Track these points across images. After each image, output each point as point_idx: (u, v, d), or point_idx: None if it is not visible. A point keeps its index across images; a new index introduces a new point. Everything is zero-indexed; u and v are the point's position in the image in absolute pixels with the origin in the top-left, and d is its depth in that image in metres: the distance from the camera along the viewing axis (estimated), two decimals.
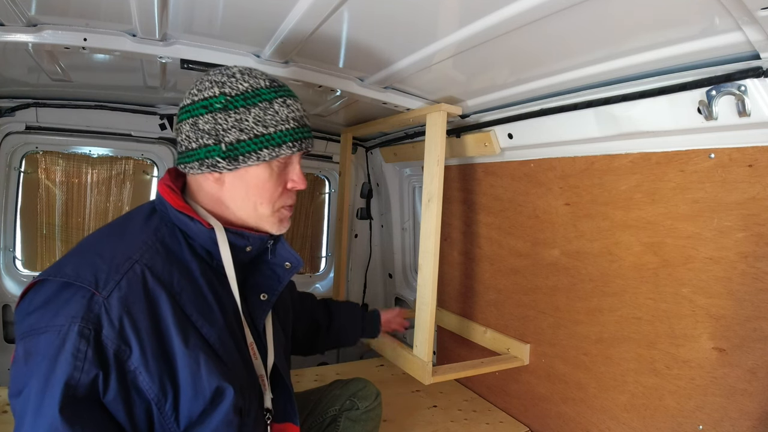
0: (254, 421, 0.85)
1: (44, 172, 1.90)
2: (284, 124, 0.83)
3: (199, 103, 0.82)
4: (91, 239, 0.81)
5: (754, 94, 0.87)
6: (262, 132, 0.81)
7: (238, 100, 0.81)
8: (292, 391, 0.99)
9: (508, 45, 1.04)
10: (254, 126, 0.81)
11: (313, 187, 2.46)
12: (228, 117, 0.80)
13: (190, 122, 0.82)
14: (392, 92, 1.51)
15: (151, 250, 0.77)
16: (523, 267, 1.61)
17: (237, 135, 0.81)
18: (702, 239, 1.06)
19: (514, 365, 1.58)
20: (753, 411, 0.99)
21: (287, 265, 0.93)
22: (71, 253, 0.77)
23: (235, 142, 0.80)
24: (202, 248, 0.84)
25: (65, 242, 1.95)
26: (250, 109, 0.81)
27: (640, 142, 1.17)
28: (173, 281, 0.77)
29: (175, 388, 0.73)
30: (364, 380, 1.32)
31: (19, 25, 1.07)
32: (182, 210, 0.81)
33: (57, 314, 0.67)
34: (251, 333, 0.89)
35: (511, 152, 1.58)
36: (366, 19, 1.02)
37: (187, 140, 0.83)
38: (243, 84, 0.82)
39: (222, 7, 1.02)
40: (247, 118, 0.81)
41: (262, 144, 0.82)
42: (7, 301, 1.84)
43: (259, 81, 0.84)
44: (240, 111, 0.81)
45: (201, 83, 0.83)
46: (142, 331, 0.70)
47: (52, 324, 0.66)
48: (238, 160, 0.81)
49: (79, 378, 0.64)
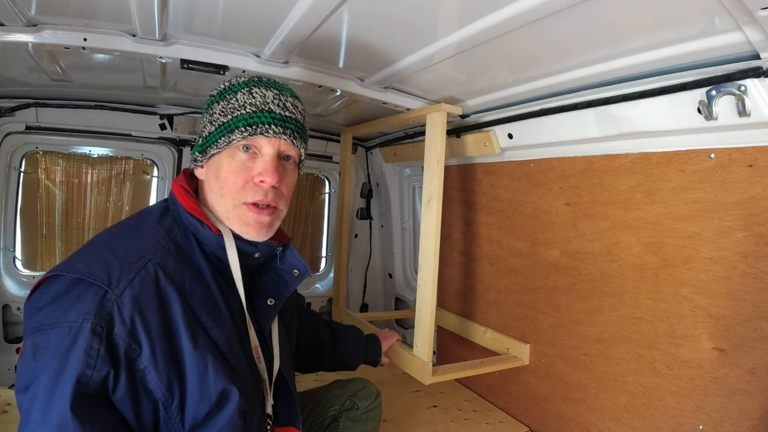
0: (257, 425, 0.85)
1: (44, 172, 1.90)
2: (240, 110, 0.83)
3: (205, 104, 0.91)
4: (104, 236, 0.81)
5: (754, 94, 0.87)
6: (223, 121, 0.83)
7: (215, 98, 0.87)
8: (296, 396, 0.99)
9: (508, 45, 1.04)
10: (219, 117, 0.84)
11: (313, 187, 2.46)
12: (210, 114, 0.87)
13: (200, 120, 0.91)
14: (392, 92, 1.51)
15: (163, 250, 0.77)
16: (523, 267, 1.61)
17: (209, 128, 0.86)
18: (702, 239, 1.06)
19: (514, 365, 1.58)
20: (753, 411, 0.99)
21: (296, 272, 0.93)
22: (83, 250, 0.77)
23: (207, 135, 0.85)
24: (212, 252, 0.84)
25: (65, 242, 1.95)
26: (220, 102, 0.85)
27: (640, 142, 1.17)
28: (185, 282, 0.77)
29: (182, 389, 0.73)
30: (364, 380, 1.32)
31: (19, 25, 1.07)
32: (193, 213, 0.82)
33: (68, 310, 0.67)
34: (257, 337, 0.89)
35: (511, 152, 1.58)
36: (366, 19, 1.02)
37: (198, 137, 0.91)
38: (226, 83, 0.88)
39: (222, 7, 1.02)
40: (215, 110, 0.85)
41: (220, 132, 0.83)
42: (7, 301, 1.84)
43: (241, 78, 0.88)
44: (214, 107, 0.86)
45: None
46: (153, 330, 0.70)
47: (63, 320, 0.66)
48: (206, 152, 0.85)
49: (90, 375, 0.64)
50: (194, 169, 0.89)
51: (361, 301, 2.60)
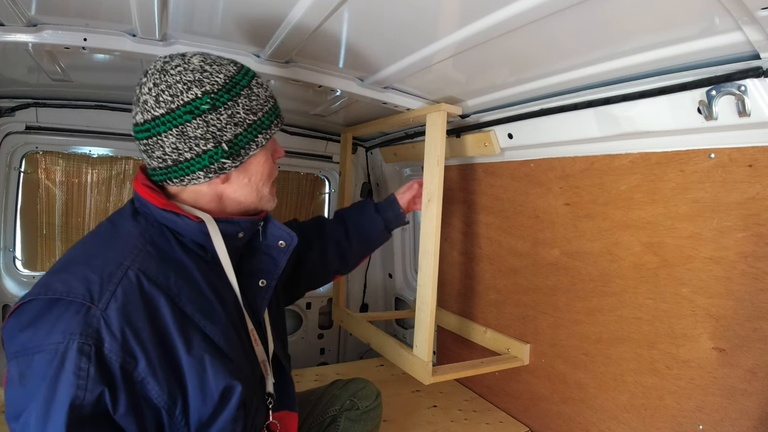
0: (256, 411, 0.84)
1: (44, 172, 1.90)
2: (266, 104, 0.84)
3: (181, 109, 0.75)
4: (77, 250, 0.76)
5: (754, 94, 0.87)
6: (254, 119, 0.81)
7: (222, 95, 0.77)
8: (290, 377, 0.99)
9: (508, 45, 1.04)
10: (246, 116, 0.80)
11: (313, 187, 2.46)
12: (219, 116, 0.77)
13: (174, 133, 0.75)
14: (392, 92, 1.51)
15: (142, 253, 0.74)
16: (523, 267, 1.61)
17: (234, 130, 0.78)
18: (702, 239, 1.06)
19: (514, 365, 1.58)
20: (753, 411, 0.99)
21: (281, 243, 0.91)
22: (57, 268, 0.72)
23: (234, 138, 0.79)
24: (194, 243, 0.81)
25: (65, 242, 1.95)
26: (237, 99, 0.79)
27: (640, 142, 1.17)
28: (170, 282, 0.74)
29: (184, 393, 0.71)
30: (364, 380, 1.32)
31: (19, 25, 1.07)
32: (166, 207, 0.78)
33: (51, 332, 0.63)
34: (251, 321, 0.88)
35: (511, 152, 1.58)
36: (366, 19, 1.02)
37: (175, 152, 0.77)
38: (218, 76, 0.78)
39: (222, 7, 1.02)
40: (237, 111, 0.79)
41: (256, 131, 0.82)
42: (7, 301, 1.84)
43: (227, 67, 0.81)
44: (229, 105, 0.78)
45: (169, 87, 0.75)
46: (146, 340, 0.68)
47: (47, 342, 0.63)
48: (240, 155, 0.81)
49: (84, 397, 0.62)
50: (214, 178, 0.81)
51: (361, 301, 2.60)
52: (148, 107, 0.76)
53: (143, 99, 0.77)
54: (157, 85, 0.76)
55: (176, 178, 0.80)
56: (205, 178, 0.80)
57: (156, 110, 0.76)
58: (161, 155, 0.78)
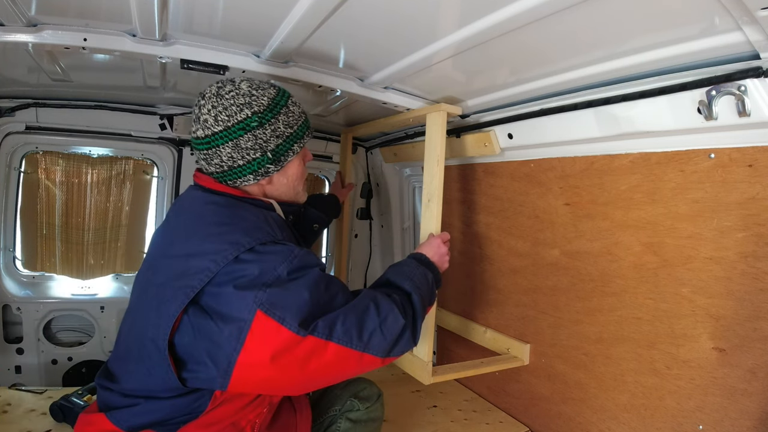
0: None
1: (44, 172, 1.90)
2: (300, 119, 1.07)
3: (236, 126, 0.96)
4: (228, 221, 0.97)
5: (754, 94, 0.87)
6: (291, 132, 1.04)
7: (267, 115, 0.99)
8: None
9: (507, 45, 1.04)
10: (285, 129, 1.02)
11: (313, 188, 2.46)
12: (265, 131, 0.98)
13: (230, 145, 0.97)
14: (392, 92, 1.51)
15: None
16: (523, 267, 1.61)
17: (276, 141, 1.01)
18: (702, 239, 1.06)
19: (514, 365, 1.58)
20: (753, 411, 0.99)
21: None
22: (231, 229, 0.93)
23: (276, 147, 1.01)
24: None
25: (65, 242, 1.95)
26: (278, 117, 1.01)
27: (640, 142, 1.17)
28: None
29: None
30: (365, 380, 1.32)
31: (19, 25, 1.07)
32: (251, 197, 1.03)
33: (308, 254, 0.94)
34: None
35: (511, 152, 1.58)
36: (366, 19, 1.02)
37: (230, 160, 0.98)
38: (263, 99, 0.99)
39: (222, 7, 1.02)
40: (278, 126, 1.01)
41: (293, 141, 1.04)
42: (7, 301, 1.84)
43: (269, 91, 1.02)
44: (272, 122, 1.00)
45: (225, 109, 0.96)
46: None
47: (315, 260, 0.94)
48: (281, 161, 1.03)
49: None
50: (260, 180, 1.02)
51: None
52: (209, 125, 0.97)
53: (203, 118, 0.97)
54: (215, 107, 0.97)
55: (230, 180, 1.01)
56: (254, 180, 1.02)
57: (215, 127, 0.97)
58: (219, 162, 0.99)
